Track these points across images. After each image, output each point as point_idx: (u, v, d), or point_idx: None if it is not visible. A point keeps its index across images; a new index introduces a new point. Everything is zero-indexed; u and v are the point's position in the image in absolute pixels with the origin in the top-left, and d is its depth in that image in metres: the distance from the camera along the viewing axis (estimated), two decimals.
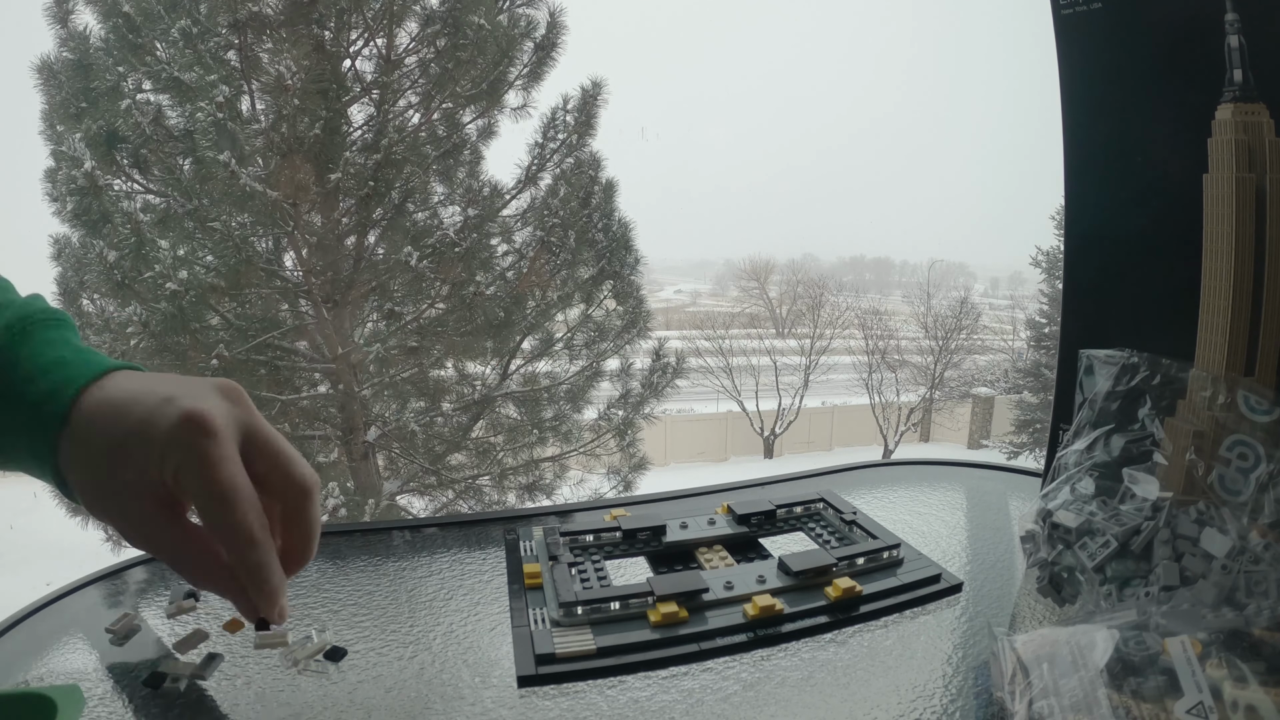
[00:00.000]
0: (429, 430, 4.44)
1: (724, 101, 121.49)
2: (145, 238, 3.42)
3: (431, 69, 4.01)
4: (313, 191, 3.79)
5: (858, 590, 0.60)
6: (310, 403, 4.26)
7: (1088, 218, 0.66)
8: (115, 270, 3.42)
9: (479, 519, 0.80)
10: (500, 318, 4.12)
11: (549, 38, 4.17)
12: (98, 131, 3.47)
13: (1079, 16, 0.61)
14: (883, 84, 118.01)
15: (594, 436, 4.75)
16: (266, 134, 3.76)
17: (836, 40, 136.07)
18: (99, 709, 0.48)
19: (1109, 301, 0.66)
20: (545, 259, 4.23)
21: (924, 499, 0.84)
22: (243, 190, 3.45)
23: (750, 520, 0.73)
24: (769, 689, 0.51)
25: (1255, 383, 0.52)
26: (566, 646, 0.53)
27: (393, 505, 4.33)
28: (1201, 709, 0.39)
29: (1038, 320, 11.69)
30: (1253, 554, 0.48)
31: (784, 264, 20.27)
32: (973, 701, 0.49)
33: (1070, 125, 0.64)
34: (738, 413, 13.76)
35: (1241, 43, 0.51)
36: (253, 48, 3.70)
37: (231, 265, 3.65)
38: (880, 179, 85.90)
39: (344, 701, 0.49)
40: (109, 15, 3.59)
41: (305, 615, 0.59)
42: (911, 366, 13.93)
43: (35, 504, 6.50)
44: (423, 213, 4.17)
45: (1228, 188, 0.53)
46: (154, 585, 0.65)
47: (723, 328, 15.44)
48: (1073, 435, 0.62)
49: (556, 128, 4.28)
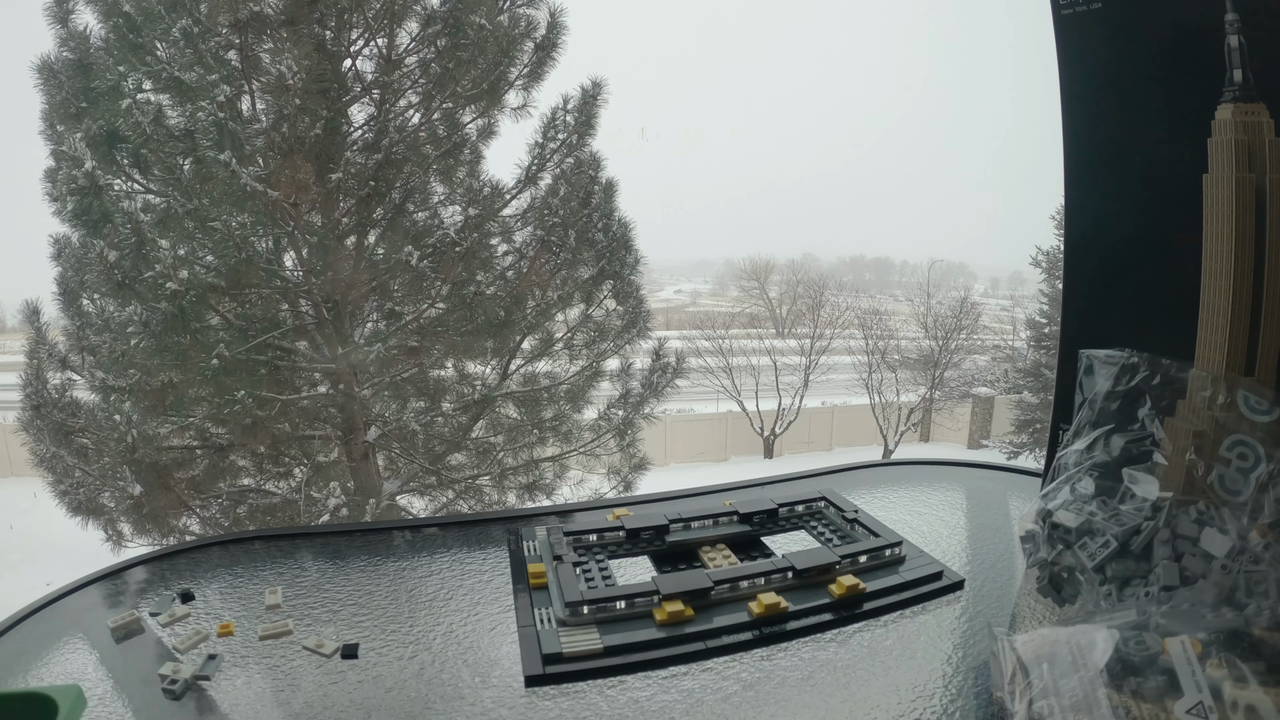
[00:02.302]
0: (429, 430, 4.44)
1: (724, 101, 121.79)
2: (145, 238, 3.41)
3: (432, 69, 4.01)
4: (313, 191, 3.79)
5: (861, 588, 0.60)
6: (310, 403, 4.25)
7: (1088, 218, 0.66)
8: (115, 270, 3.41)
9: (479, 519, 0.80)
10: (500, 318, 4.12)
11: (549, 38, 4.17)
12: (98, 131, 3.47)
13: (1079, 17, 0.61)
14: (882, 83, 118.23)
15: (594, 436, 4.75)
16: (267, 134, 3.75)
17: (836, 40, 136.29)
18: (99, 709, 0.48)
19: (1109, 301, 0.66)
20: (545, 259, 4.23)
21: (924, 499, 0.84)
22: (243, 190, 3.45)
23: (753, 519, 0.73)
24: (769, 689, 0.51)
25: (1255, 383, 0.52)
26: (573, 646, 0.53)
27: (393, 505, 4.33)
28: (1201, 709, 0.39)
29: (1038, 320, 11.69)
30: (1253, 554, 0.48)
31: (784, 264, 20.27)
32: (973, 701, 0.49)
33: (1070, 125, 0.64)
34: (738, 413, 13.75)
35: (1241, 43, 0.51)
36: (253, 47, 3.70)
37: (231, 265, 3.64)
38: (880, 178, 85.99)
39: (344, 701, 0.49)
40: (109, 15, 3.58)
41: (306, 615, 0.59)
42: (911, 366, 13.92)
43: (35, 504, 6.50)
44: (423, 213, 4.17)
45: (1228, 188, 0.53)
46: (154, 585, 0.65)
47: (723, 328, 15.44)
48: (1073, 435, 0.62)
49: (556, 128, 4.28)
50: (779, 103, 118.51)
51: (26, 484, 6.85)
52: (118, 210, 3.45)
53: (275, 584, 0.64)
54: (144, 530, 4.09)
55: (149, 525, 4.04)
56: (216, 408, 3.77)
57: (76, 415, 3.98)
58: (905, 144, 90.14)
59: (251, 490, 4.42)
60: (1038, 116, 2.17)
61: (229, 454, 4.22)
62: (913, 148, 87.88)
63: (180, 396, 3.81)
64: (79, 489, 4.06)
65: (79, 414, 3.99)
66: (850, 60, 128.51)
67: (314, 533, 0.77)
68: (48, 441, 3.96)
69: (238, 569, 0.67)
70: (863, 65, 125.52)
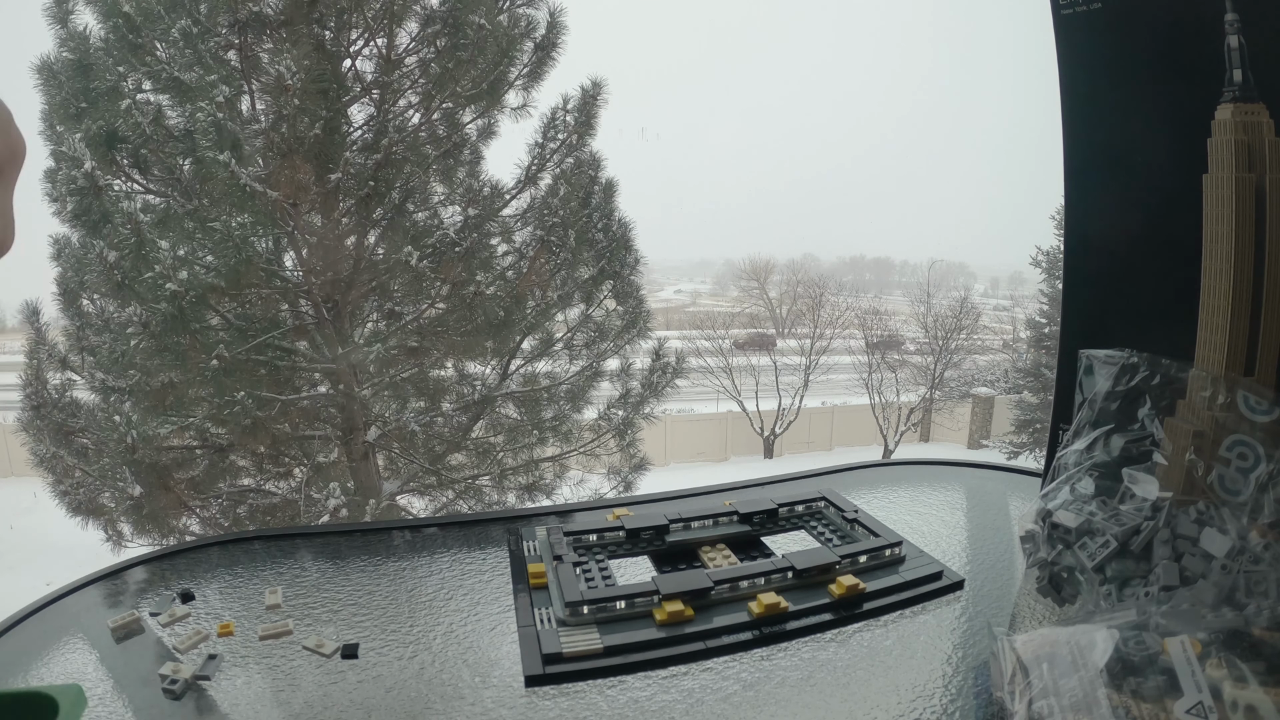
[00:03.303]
0: (429, 430, 4.43)
1: (723, 101, 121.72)
2: (145, 238, 3.41)
3: (431, 69, 4.00)
4: (313, 191, 3.79)
5: (861, 587, 0.60)
6: (310, 403, 4.25)
7: (1088, 218, 0.66)
8: (115, 270, 3.41)
9: (479, 519, 0.80)
10: (500, 318, 4.12)
11: (549, 38, 4.17)
12: (98, 131, 3.47)
13: (1079, 16, 0.61)
14: (882, 83, 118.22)
15: (594, 436, 4.75)
16: (266, 134, 3.75)
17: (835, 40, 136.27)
18: (100, 709, 0.48)
19: (1109, 301, 0.66)
20: (545, 259, 4.23)
21: (924, 499, 0.84)
22: (243, 190, 3.45)
23: (753, 519, 0.73)
24: (769, 689, 0.51)
25: (1255, 383, 0.52)
26: (573, 646, 0.53)
27: (393, 505, 4.33)
28: (1201, 709, 0.39)
29: (1038, 320, 11.69)
30: (1253, 554, 0.48)
31: (784, 264, 20.26)
32: (972, 701, 0.49)
33: (1070, 125, 0.64)
34: (738, 413, 13.76)
35: (1241, 43, 0.51)
36: (253, 48, 3.69)
37: (231, 265, 3.64)
38: (880, 178, 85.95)
39: (344, 701, 0.49)
40: (109, 15, 3.58)
41: (306, 615, 0.59)
42: (912, 366, 13.91)
43: (35, 504, 6.49)
44: (423, 213, 4.17)
45: (1228, 188, 0.53)
46: (154, 585, 0.65)
47: (723, 328, 15.44)
48: (1073, 435, 0.62)
49: (556, 128, 4.28)
50: (779, 103, 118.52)
51: (26, 484, 6.85)
52: (117, 210, 3.45)
53: (275, 584, 0.64)
54: (144, 530, 4.09)
55: (149, 525, 4.04)
56: (216, 408, 3.77)
57: (76, 415, 3.99)
58: (905, 144, 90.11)
59: (251, 490, 4.42)
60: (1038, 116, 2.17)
61: (229, 454, 4.23)
62: (912, 148, 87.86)
63: (180, 397, 3.81)
64: (79, 489, 4.06)
65: (79, 414, 3.99)
66: (850, 60, 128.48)
67: (314, 533, 0.77)
68: (48, 441, 3.96)
69: (238, 569, 0.67)
70: (862, 65, 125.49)
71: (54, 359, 4.04)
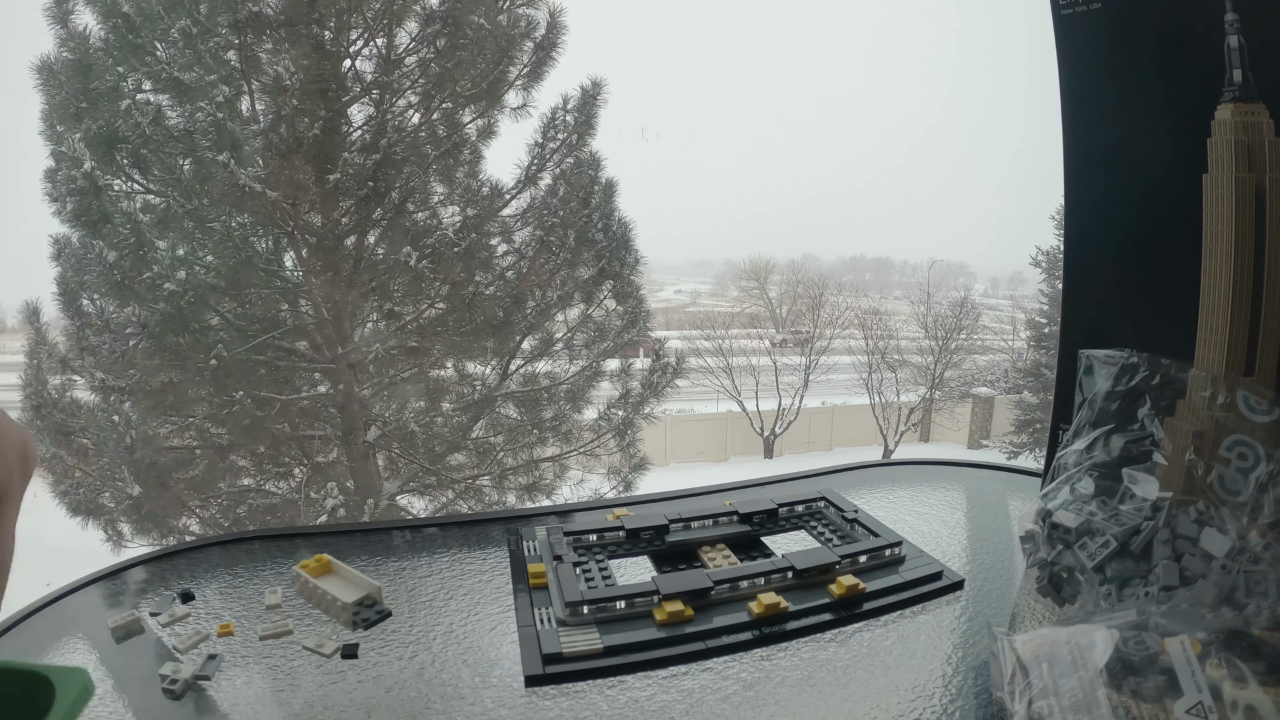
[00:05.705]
0: (429, 430, 4.43)
1: (724, 101, 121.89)
2: (145, 238, 3.42)
3: (431, 69, 4.00)
4: (312, 191, 3.78)
5: (861, 588, 0.60)
6: (310, 403, 4.26)
7: (1088, 218, 0.66)
8: (115, 270, 3.41)
9: (479, 519, 0.80)
10: (500, 318, 4.12)
11: (549, 38, 4.17)
12: (98, 131, 3.47)
13: (1079, 17, 0.61)
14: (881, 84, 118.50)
15: (594, 436, 4.75)
16: (266, 134, 3.75)
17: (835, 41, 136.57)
18: (100, 709, 0.48)
19: (1109, 301, 0.66)
20: (545, 259, 4.23)
21: (924, 499, 0.84)
22: (242, 190, 3.45)
23: (753, 519, 0.73)
24: (769, 689, 0.51)
25: (1255, 383, 0.52)
26: (573, 646, 0.53)
27: (393, 505, 4.33)
28: (1201, 709, 0.39)
29: (1038, 320, 11.69)
30: (1252, 554, 0.48)
31: (784, 264, 20.24)
32: (973, 701, 0.49)
33: (1070, 125, 0.64)
34: (738, 413, 13.75)
35: (1241, 43, 0.51)
36: (253, 48, 3.69)
37: (231, 265, 3.65)
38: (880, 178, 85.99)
39: (344, 701, 0.49)
40: (109, 15, 3.58)
41: (306, 615, 0.59)
42: (912, 366, 13.91)
43: (35, 504, 6.50)
44: (422, 213, 4.17)
45: (1228, 188, 0.53)
46: (154, 585, 0.65)
47: (723, 327, 15.43)
48: (1073, 435, 0.62)
49: (556, 128, 4.28)
50: (779, 103, 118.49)
51: None
52: (117, 210, 3.45)
53: (275, 584, 0.64)
54: (144, 530, 4.09)
55: (149, 525, 4.05)
56: (216, 408, 3.77)
57: (76, 415, 3.98)
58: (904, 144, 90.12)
59: (251, 490, 4.43)
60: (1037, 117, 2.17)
61: (229, 454, 4.23)
62: (912, 148, 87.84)
63: (180, 397, 3.81)
64: (79, 489, 4.06)
65: (79, 414, 3.99)
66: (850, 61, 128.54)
67: (314, 533, 0.77)
68: (48, 442, 3.96)
69: (238, 569, 0.67)
70: (862, 66, 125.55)
71: (54, 359, 4.04)
